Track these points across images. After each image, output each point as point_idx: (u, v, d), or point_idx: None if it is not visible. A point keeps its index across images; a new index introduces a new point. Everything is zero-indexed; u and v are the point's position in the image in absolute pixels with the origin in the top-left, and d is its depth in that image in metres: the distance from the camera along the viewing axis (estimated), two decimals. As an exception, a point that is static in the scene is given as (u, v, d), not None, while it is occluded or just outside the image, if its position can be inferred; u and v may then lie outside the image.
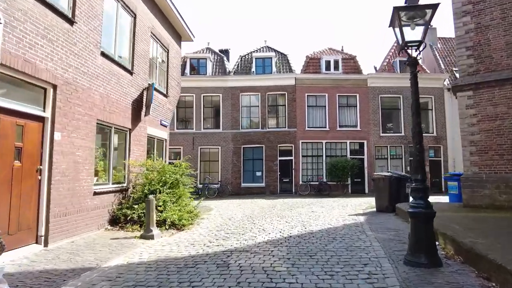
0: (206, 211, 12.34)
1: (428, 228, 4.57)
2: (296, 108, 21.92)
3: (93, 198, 7.84)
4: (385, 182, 10.69)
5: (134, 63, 10.04)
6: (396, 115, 22.75)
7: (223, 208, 13.42)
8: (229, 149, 21.65)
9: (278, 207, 13.21)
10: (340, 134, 21.98)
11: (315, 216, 10.29)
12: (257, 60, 22.63)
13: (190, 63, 22.72)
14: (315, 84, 22.20)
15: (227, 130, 21.80)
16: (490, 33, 8.97)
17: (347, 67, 23.10)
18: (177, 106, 22.22)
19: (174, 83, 13.71)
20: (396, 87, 22.57)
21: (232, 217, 10.52)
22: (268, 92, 22.07)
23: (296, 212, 11.40)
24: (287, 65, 23.09)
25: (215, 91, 22.10)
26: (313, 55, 23.58)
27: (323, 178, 21.48)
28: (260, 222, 9.34)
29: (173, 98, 13.57)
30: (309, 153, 21.98)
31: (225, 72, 22.79)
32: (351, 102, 22.42)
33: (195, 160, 21.63)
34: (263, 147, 21.73)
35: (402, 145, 22.23)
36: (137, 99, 10.28)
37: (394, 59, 23.75)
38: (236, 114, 21.90)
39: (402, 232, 7.16)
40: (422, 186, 4.73)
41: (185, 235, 7.92)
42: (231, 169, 21.49)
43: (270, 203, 15.07)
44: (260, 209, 12.48)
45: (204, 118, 22.14)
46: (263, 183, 21.36)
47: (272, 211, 11.69)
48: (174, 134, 21.73)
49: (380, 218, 9.48)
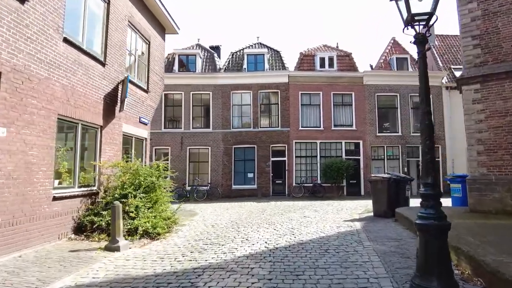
0: (189, 216, 11.39)
1: (441, 245, 3.65)
2: (290, 107, 21.03)
3: (52, 204, 6.85)
4: (383, 184, 9.80)
5: (107, 53, 9.07)
6: (393, 114, 21.93)
7: (209, 212, 12.46)
8: (220, 149, 20.69)
9: (268, 211, 12.28)
10: (335, 133, 21.12)
11: (307, 222, 9.37)
12: (249, 57, 21.70)
13: (179, 59, 21.74)
14: (309, 81, 21.32)
15: (218, 130, 20.84)
16: (499, 20, 8.12)
17: (342, 64, 22.26)
18: (165, 104, 21.35)
19: (157, 78, 12.74)
20: (393, 85, 21.77)
21: (216, 224, 9.56)
22: (260, 90, 21.15)
23: (287, 217, 10.47)
24: (280, 62, 22.20)
25: (204, 88, 21.14)
26: (307, 51, 22.71)
27: (318, 179, 20.60)
28: (246, 229, 8.39)
29: (155, 94, 12.59)
30: (303, 154, 21.09)
31: (215, 69, 21.84)
32: (346, 100, 21.57)
33: (184, 161, 20.65)
34: (255, 148, 20.80)
35: (399, 145, 21.41)
36: (111, 93, 9.30)
37: (390, 57, 22.96)
38: (227, 113, 20.95)
39: (405, 242, 6.26)
40: (434, 191, 3.82)
41: (158, 245, 6.96)
42: (221, 171, 20.53)
43: (261, 206, 14.14)
44: (248, 214, 11.54)
45: (193, 117, 21.16)
46: (255, 185, 20.41)
47: (261, 216, 10.75)
48: (161, 134, 20.79)
49: (378, 224, 8.58)
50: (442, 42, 25.31)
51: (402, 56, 22.64)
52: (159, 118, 21.00)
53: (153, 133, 20.89)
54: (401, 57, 22.57)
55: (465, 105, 8.52)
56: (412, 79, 21.82)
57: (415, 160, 21.66)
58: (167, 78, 21.22)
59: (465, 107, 8.53)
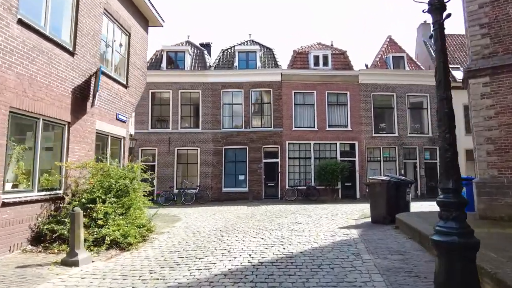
0: (171, 222, 10.45)
1: (468, 268, 2.80)
2: (282, 106, 20.19)
3: (1, 210, 5.89)
4: (382, 187, 8.96)
5: (77, 42, 8.14)
6: (389, 115, 21.19)
7: (194, 218, 11.52)
8: (209, 150, 19.76)
9: (258, 216, 11.38)
10: (329, 134, 20.31)
11: (299, 229, 8.48)
12: (240, 54, 20.84)
13: (167, 56, 20.80)
14: (302, 80, 20.50)
15: (207, 130, 19.92)
16: (510, 6, 7.36)
17: (337, 62, 21.49)
18: (152, 103, 20.39)
19: (138, 73, 11.81)
20: (389, 84, 21.04)
21: (199, 231, 8.64)
22: (252, 89, 20.28)
23: (277, 223, 9.58)
24: (272, 60, 21.37)
25: (194, 87, 20.21)
26: (300, 49, 21.92)
27: (311, 182, 19.74)
28: (230, 238, 7.48)
29: (135, 90, 11.65)
30: (296, 155, 20.24)
31: (205, 66, 20.93)
32: (341, 100, 20.79)
33: (171, 162, 19.68)
34: (247, 149, 19.91)
35: (396, 146, 20.66)
36: (82, 86, 8.36)
37: (387, 55, 22.25)
38: (217, 112, 20.04)
39: (410, 256, 5.41)
40: (457, 199, 2.97)
41: (126, 258, 6.04)
42: (211, 173, 19.59)
43: (251, 211, 13.23)
44: (236, 220, 10.62)
45: (181, 116, 20.21)
46: (246, 188, 19.49)
47: (249, 223, 9.84)
48: (148, 134, 19.83)
49: (377, 232, 7.73)
50: (439, 41, 24.64)
51: (398, 55, 21.93)
52: (145, 117, 20.06)
53: (140, 133, 19.97)
54: (398, 56, 21.87)
55: (473, 101, 7.72)
56: (409, 78, 21.18)
57: (412, 162, 20.93)
58: (155, 75, 20.35)
59: (472, 102, 7.74)
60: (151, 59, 21.35)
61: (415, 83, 21.16)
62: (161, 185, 19.27)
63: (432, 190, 20.37)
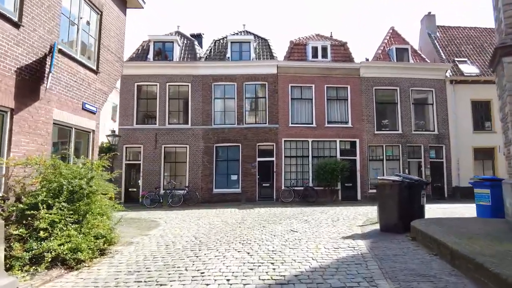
0: (146, 229, 9.00)
1: None
2: (278, 101, 18.76)
3: None
4: (394, 189, 7.55)
5: (24, 12, 6.68)
6: (392, 110, 19.81)
7: (175, 223, 10.07)
8: (199, 148, 18.31)
9: (248, 222, 9.94)
10: (328, 131, 18.90)
11: (295, 240, 7.06)
12: (233, 45, 19.38)
13: (154, 47, 19.32)
14: (300, 73, 19.09)
15: (197, 126, 18.46)
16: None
17: (337, 54, 20.10)
18: (138, 97, 18.91)
19: (112, 58, 10.34)
20: (392, 78, 19.68)
21: (174, 242, 7.20)
22: (246, 82, 18.84)
23: (269, 231, 8.16)
24: (268, 51, 19.93)
25: (183, 79, 18.75)
26: (298, 40, 20.50)
27: (309, 182, 18.34)
28: (209, 253, 6.05)
29: (108, 77, 10.18)
30: (293, 154, 18.81)
31: (195, 58, 19.47)
32: (341, 94, 19.39)
33: (158, 161, 18.21)
34: (240, 146, 18.47)
35: (399, 144, 19.29)
36: (31, 66, 6.89)
37: (389, 47, 20.87)
38: (208, 107, 18.58)
39: (444, 285, 3.98)
40: None
41: (68, 282, 4.61)
42: (201, 172, 18.13)
43: (241, 215, 11.80)
44: (222, 226, 9.19)
45: (169, 111, 18.74)
46: (239, 189, 18.06)
47: (235, 231, 8.41)
48: (133, 130, 18.37)
49: (390, 245, 6.31)
50: (444, 34, 23.36)
51: (402, 47, 20.56)
52: (130, 112, 18.59)
53: (124, 129, 18.49)
54: (402, 48, 20.50)
55: (508, 83, 6.29)
56: (413, 71, 19.83)
57: (416, 161, 19.57)
58: (141, 67, 18.91)
59: (508, 85, 6.30)
60: (137, 50, 19.88)
61: (420, 77, 19.82)
62: (147, 186, 17.81)
63: (438, 191, 19.06)
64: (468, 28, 23.99)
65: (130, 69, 18.81)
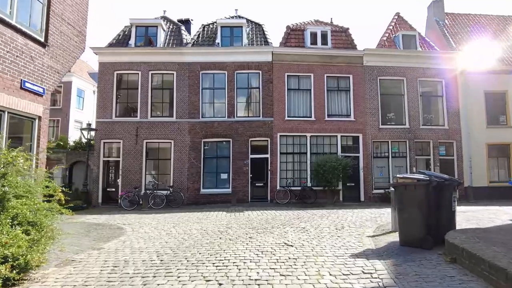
0: (104, 240, 7.18)
1: None
2: (273, 92, 16.94)
3: None
4: (419, 191, 5.75)
5: None
6: (399, 103, 18.03)
7: (143, 232, 8.23)
8: (185, 144, 16.46)
9: (233, 230, 8.13)
10: (329, 125, 17.10)
11: (288, 259, 5.26)
12: (224, 30, 17.53)
13: (136, 32, 17.44)
14: (297, 61, 17.27)
15: (183, 119, 16.60)
16: None
17: (338, 41, 18.29)
18: (117, 87, 17.01)
19: (68, 30, 8.47)
20: (398, 67, 17.91)
21: (127, 261, 5.37)
22: (238, 71, 17.00)
23: (257, 245, 6.34)
24: (262, 37, 18.09)
25: (167, 67, 16.88)
26: (295, 26, 18.67)
27: (307, 182, 16.54)
28: (163, 284, 4.22)
29: (63, 53, 8.31)
30: (289, 150, 17.00)
31: (181, 44, 17.59)
32: (342, 85, 17.59)
33: (139, 158, 16.34)
34: (230, 142, 16.64)
35: (406, 140, 17.52)
36: None
37: (395, 34, 19.09)
38: (195, 98, 16.73)
39: None
40: None
41: None
42: (187, 170, 16.28)
43: (227, 221, 9.97)
44: (198, 237, 7.36)
45: (152, 103, 16.87)
46: (229, 189, 16.22)
47: (213, 244, 6.58)
48: (112, 123, 16.52)
49: (422, 270, 4.52)
50: (453, 21, 21.61)
51: (409, 33, 18.77)
52: (109, 104, 16.71)
53: (102, 123, 16.60)
54: (408, 34, 18.71)
55: None
56: (421, 60, 18.09)
57: (424, 158, 17.82)
58: (121, 53, 17.05)
59: None
60: (118, 36, 17.98)
61: (428, 66, 18.07)
62: (127, 185, 15.96)
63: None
64: (479, 15, 22.26)
65: (109, 56, 16.98)
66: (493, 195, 17.01)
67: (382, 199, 16.36)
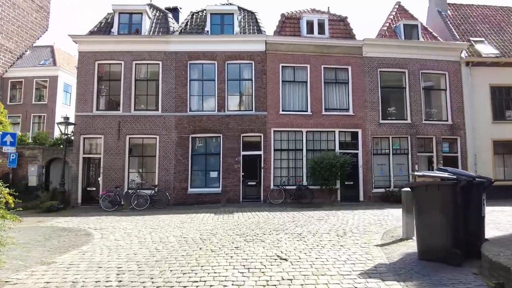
0: (63, 250, 6.00)
1: None
2: (267, 84, 15.77)
3: None
4: (444, 192, 4.64)
5: None
6: (400, 96, 16.96)
7: (113, 239, 7.03)
8: (172, 139, 15.24)
9: (217, 238, 6.96)
10: (326, 120, 15.99)
11: (282, 280, 4.15)
12: (213, 17, 16.30)
13: (119, 19, 16.15)
14: (293, 51, 16.11)
15: (169, 113, 15.37)
16: None
17: (336, 31, 17.16)
18: (98, 78, 15.73)
19: (25, 4, 7.18)
20: (400, 58, 16.84)
21: (75, 283, 4.18)
22: (228, 61, 15.79)
23: (243, 259, 5.20)
24: (255, 25, 16.89)
25: (152, 57, 15.62)
26: (290, 14, 17.49)
27: (303, 180, 15.43)
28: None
29: (18, 30, 7.02)
30: (284, 146, 15.85)
31: (168, 32, 16.32)
32: (341, 77, 16.48)
33: (122, 154, 15.10)
34: (221, 138, 15.45)
35: (408, 136, 16.47)
36: None
37: (396, 23, 18.02)
38: (182, 90, 15.50)
39: None
40: None
41: None
42: (173, 168, 15.06)
43: (213, 225, 8.82)
44: (175, 247, 6.19)
45: (136, 95, 15.61)
46: (220, 188, 15.04)
47: (190, 257, 5.42)
48: (92, 117, 15.28)
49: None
50: (456, 12, 20.59)
51: (411, 23, 17.70)
52: (89, 96, 15.43)
53: (81, 116, 15.30)
54: (410, 24, 17.63)
55: None
56: (424, 51, 17.03)
57: (425, 155, 16.78)
58: (102, 42, 15.77)
59: None
60: (100, 23, 16.68)
61: (431, 58, 17.02)
62: (108, 184, 14.72)
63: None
64: (482, 6, 21.26)
65: (90, 45, 15.69)
66: (499, 195, 15.93)
67: (382, 199, 15.35)
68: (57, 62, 29.12)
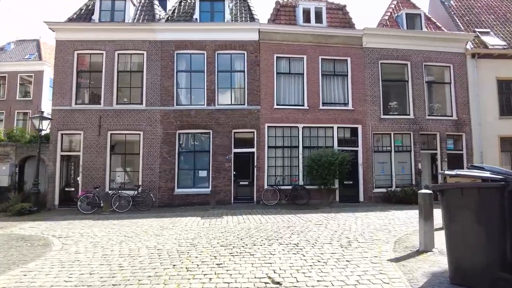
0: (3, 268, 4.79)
1: None
2: (261, 76, 14.65)
3: None
4: (488, 197, 3.55)
5: None
6: (402, 90, 15.93)
7: (73, 251, 5.87)
8: (157, 135, 14.06)
9: (197, 250, 5.84)
10: (324, 115, 14.90)
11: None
12: (203, 4, 15.11)
13: (101, 5, 14.91)
14: (288, 40, 14.99)
15: (154, 107, 14.19)
16: None
17: (334, 19, 16.06)
18: (78, 69, 14.46)
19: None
20: (402, 50, 15.82)
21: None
22: (219, 51, 14.63)
23: (224, 283, 4.07)
24: (247, 12, 15.73)
25: (136, 46, 14.41)
26: (285, 1, 16.36)
27: (299, 180, 14.35)
28: None
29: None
30: (279, 143, 14.74)
31: (154, 20, 15.12)
32: (339, 69, 15.40)
33: (103, 152, 13.88)
34: (210, 134, 14.30)
35: (410, 132, 15.45)
36: None
37: (398, 13, 16.97)
38: (169, 82, 14.31)
39: None
40: None
41: None
42: (159, 167, 13.89)
43: (197, 231, 7.68)
44: (146, 262, 5.06)
45: (118, 87, 14.39)
46: (209, 189, 13.90)
47: (158, 279, 4.30)
48: (71, 112, 14.09)
49: None
50: (459, 2, 19.59)
51: (414, 12, 16.67)
52: (68, 89, 14.20)
53: (59, 111, 14.04)
54: (413, 13, 16.60)
55: None
56: (427, 42, 16.01)
57: (428, 152, 15.80)
58: (82, 30, 14.53)
59: None
60: (80, 10, 15.41)
61: (435, 49, 16.01)
62: (88, 184, 13.53)
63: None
64: (486, -4, 20.30)
65: (68, 33, 14.46)
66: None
67: (384, 199, 14.38)
68: (43, 56, 27.74)
